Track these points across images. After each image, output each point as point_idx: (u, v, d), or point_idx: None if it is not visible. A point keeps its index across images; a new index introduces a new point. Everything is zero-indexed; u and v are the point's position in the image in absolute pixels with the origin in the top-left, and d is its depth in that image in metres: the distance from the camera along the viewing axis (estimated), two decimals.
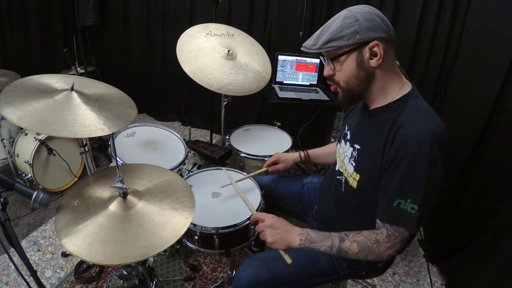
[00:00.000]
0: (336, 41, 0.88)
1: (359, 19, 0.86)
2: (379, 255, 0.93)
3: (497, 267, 1.38)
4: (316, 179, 1.42)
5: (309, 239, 0.98)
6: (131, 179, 1.08)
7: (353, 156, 1.01)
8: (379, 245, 0.91)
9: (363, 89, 0.94)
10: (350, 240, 0.95)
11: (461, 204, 1.79)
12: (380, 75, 0.92)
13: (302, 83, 2.48)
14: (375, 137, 0.94)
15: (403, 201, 0.86)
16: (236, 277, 1.10)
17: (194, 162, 1.82)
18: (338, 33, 0.87)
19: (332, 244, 0.96)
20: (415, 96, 0.93)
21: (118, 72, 3.37)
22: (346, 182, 1.05)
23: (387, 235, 0.90)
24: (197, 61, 1.70)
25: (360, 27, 0.86)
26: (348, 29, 0.87)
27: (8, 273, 1.66)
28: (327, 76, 0.98)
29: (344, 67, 0.92)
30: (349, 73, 0.92)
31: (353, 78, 0.92)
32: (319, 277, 1.09)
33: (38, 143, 1.98)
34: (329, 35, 0.89)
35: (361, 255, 0.94)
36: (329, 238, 0.97)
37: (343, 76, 0.93)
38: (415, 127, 0.85)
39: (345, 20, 0.87)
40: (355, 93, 0.95)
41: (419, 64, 2.44)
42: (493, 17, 1.77)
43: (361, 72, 0.91)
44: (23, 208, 2.10)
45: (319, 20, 2.61)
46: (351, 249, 0.94)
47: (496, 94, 1.61)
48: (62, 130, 0.99)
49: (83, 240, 0.85)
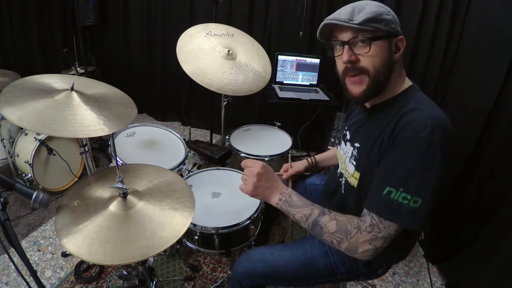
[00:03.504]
0: (377, 23, 0.82)
1: (391, 11, 0.86)
2: (354, 245, 0.84)
3: (497, 267, 1.38)
4: (320, 180, 1.40)
5: (288, 202, 0.94)
6: (131, 179, 1.08)
7: (353, 155, 0.98)
8: (359, 232, 0.84)
9: (386, 80, 0.87)
10: (331, 216, 0.89)
11: (461, 204, 1.79)
12: (396, 70, 0.89)
13: (302, 83, 2.48)
14: (375, 131, 0.90)
15: (394, 189, 0.78)
16: (234, 270, 1.11)
17: (194, 162, 1.82)
18: (379, 16, 0.82)
19: (310, 214, 0.90)
20: (416, 90, 0.92)
21: (118, 72, 3.37)
22: (346, 183, 1.03)
23: (370, 224, 0.82)
24: (197, 61, 1.70)
25: (393, 18, 0.85)
26: (386, 16, 0.83)
27: (8, 273, 1.66)
28: (349, 63, 0.86)
29: (376, 52, 0.84)
30: (379, 59, 0.84)
31: (382, 66, 0.85)
32: (316, 278, 1.09)
33: (38, 143, 1.98)
34: (370, 14, 0.81)
35: (335, 238, 0.86)
36: (309, 207, 0.92)
37: (373, 61, 0.84)
38: (418, 114, 0.81)
39: (380, 8, 0.83)
40: (382, 83, 0.87)
41: (419, 64, 2.44)
42: (493, 17, 1.77)
43: (388, 62, 0.85)
44: (23, 208, 2.10)
45: (319, 20, 2.60)
46: (328, 226, 0.87)
47: (496, 94, 1.61)
48: (62, 130, 0.99)
49: (83, 240, 0.86)
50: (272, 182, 0.98)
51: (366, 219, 0.84)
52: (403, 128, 0.81)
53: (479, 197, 1.66)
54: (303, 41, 2.52)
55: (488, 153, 1.66)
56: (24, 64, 2.98)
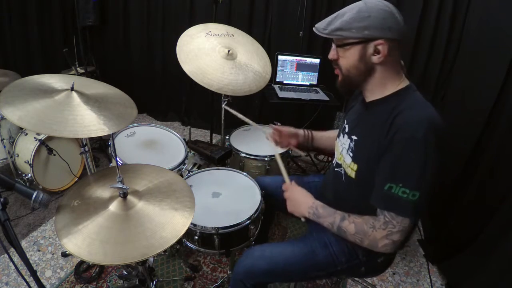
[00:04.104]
0: (345, 31, 0.91)
1: (371, 15, 0.88)
2: (374, 242, 0.94)
3: (497, 267, 1.38)
4: (318, 178, 1.42)
5: (316, 213, 1.05)
6: (131, 179, 1.08)
7: (350, 147, 1.04)
8: (374, 230, 0.93)
9: (361, 80, 0.98)
10: (349, 220, 0.98)
11: (461, 204, 1.79)
12: (380, 71, 0.95)
13: (302, 83, 2.48)
14: (372, 127, 0.97)
15: (394, 185, 0.88)
16: (235, 268, 1.11)
17: (194, 162, 1.82)
18: (349, 24, 0.90)
19: (333, 221, 1.01)
20: (413, 90, 0.96)
21: (118, 72, 3.37)
22: (345, 173, 1.07)
23: (384, 222, 0.91)
24: (197, 61, 1.70)
25: (370, 24, 0.88)
26: (358, 23, 0.89)
27: (8, 273, 1.66)
28: (331, 60, 1.01)
29: (348, 55, 0.95)
30: (350, 62, 0.96)
31: (353, 68, 0.96)
32: (317, 271, 1.10)
33: (38, 143, 1.98)
34: (340, 23, 0.91)
35: (357, 238, 0.97)
36: (333, 215, 1.02)
37: (346, 63, 0.97)
38: (411, 115, 0.88)
39: (359, 14, 0.89)
40: (353, 81, 1.00)
41: (419, 64, 2.44)
42: (493, 17, 1.77)
43: (362, 64, 0.94)
44: (23, 208, 2.10)
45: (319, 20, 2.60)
46: (349, 229, 0.97)
47: (496, 94, 1.61)
48: (62, 130, 0.99)
49: (83, 240, 0.85)
50: (299, 199, 1.12)
51: (380, 218, 0.93)
52: (400, 128, 0.88)
53: (479, 197, 1.66)
54: (303, 41, 2.52)
55: (488, 153, 1.66)
56: (24, 64, 2.98)
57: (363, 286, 1.64)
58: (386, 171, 0.90)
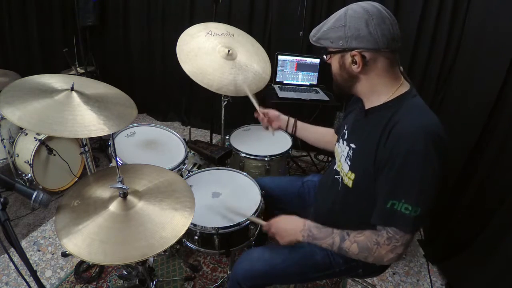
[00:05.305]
0: (324, 40, 0.93)
1: (347, 25, 0.87)
2: (379, 258, 0.93)
3: (497, 267, 1.38)
4: (317, 178, 1.41)
5: (311, 236, 1.02)
6: (131, 179, 1.08)
7: (348, 155, 1.03)
8: (379, 247, 0.91)
9: (348, 86, 0.99)
10: (351, 240, 0.95)
11: (461, 204, 1.79)
12: (365, 79, 0.94)
13: (302, 83, 2.48)
14: (369, 136, 0.94)
15: (396, 201, 0.86)
16: (233, 270, 1.11)
17: (194, 162, 1.82)
18: (326, 34, 0.92)
19: (333, 242, 0.98)
20: (412, 96, 0.93)
21: (118, 72, 3.37)
22: (343, 181, 1.06)
23: (387, 238, 0.90)
24: (197, 61, 1.70)
25: (344, 34, 0.87)
26: (334, 33, 0.90)
27: (8, 273, 1.66)
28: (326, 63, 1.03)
29: (332, 62, 0.98)
30: (334, 70, 0.98)
31: (338, 75, 0.98)
32: (315, 272, 1.10)
33: (38, 143, 1.98)
34: (321, 32, 0.94)
35: (361, 256, 0.95)
36: (330, 236, 0.99)
37: (333, 69, 1.00)
38: (409, 125, 0.85)
39: (336, 23, 0.90)
40: (341, 87, 1.01)
41: (419, 64, 2.43)
42: (493, 17, 1.77)
43: (343, 73, 0.95)
44: (23, 208, 2.10)
45: (319, 20, 2.60)
46: (351, 249, 0.95)
47: (496, 94, 1.61)
48: (62, 130, 0.99)
49: (83, 240, 0.85)
50: (287, 230, 1.07)
51: (383, 234, 0.91)
52: (398, 141, 0.85)
53: (479, 198, 1.66)
54: (303, 41, 2.52)
55: (488, 153, 1.66)
56: (24, 64, 2.98)
57: (363, 286, 1.64)
58: (387, 188, 0.88)
